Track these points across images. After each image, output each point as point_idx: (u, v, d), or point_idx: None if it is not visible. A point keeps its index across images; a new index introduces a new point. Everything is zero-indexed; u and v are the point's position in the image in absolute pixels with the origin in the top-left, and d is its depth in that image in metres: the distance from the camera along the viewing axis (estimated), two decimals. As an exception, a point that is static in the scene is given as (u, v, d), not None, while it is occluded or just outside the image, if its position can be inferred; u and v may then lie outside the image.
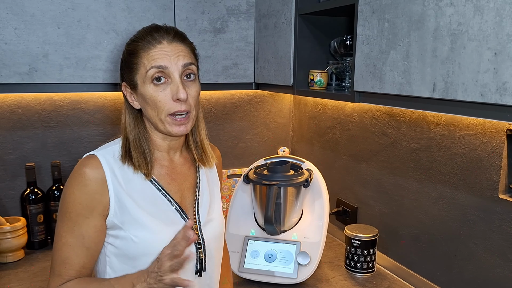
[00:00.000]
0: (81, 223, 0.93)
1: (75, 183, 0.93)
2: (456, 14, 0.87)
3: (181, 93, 0.93)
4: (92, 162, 0.95)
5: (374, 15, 1.11)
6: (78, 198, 0.92)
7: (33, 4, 1.41)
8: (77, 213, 0.93)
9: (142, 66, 0.94)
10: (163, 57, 0.93)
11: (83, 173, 0.93)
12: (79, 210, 0.93)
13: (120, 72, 1.00)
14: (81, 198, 0.92)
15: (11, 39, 1.40)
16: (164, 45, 0.94)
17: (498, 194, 1.15)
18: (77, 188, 0.93)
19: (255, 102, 2.10)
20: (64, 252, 0.94)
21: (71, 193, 0.93)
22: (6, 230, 1.53)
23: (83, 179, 0.93)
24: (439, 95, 0.93)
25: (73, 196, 0.93)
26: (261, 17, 1.71)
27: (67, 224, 0.94)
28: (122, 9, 1.53)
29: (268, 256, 1.43)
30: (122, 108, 1.02)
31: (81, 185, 0.93)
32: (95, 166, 0.94)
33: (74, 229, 0.93)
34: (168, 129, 0.96)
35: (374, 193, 1.61)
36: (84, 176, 0.93)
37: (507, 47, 0.78)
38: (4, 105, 1.66)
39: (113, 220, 0.95)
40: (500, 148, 1.14)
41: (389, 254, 1.55)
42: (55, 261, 0.95)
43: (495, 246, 1.17)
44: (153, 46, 0.94)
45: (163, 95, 0.94)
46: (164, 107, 0.94)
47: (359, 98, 1.23)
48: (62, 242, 0.94)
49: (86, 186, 0.93)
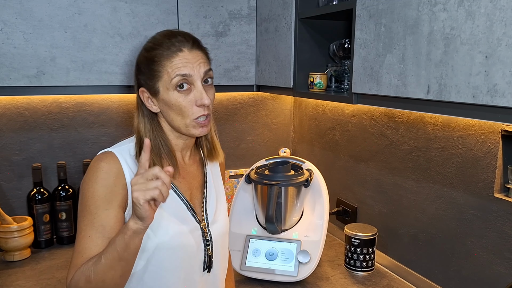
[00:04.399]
0: (100, 214, 0.94)
1: (93, 177, 0.95)
2: (449, 19, 0.90)
3: (205, 100, 0.98)
4: (109, 157, 0.97)
5: (371, 20, 1.14)
6: (96, 191, 0.94)
7: (41, 10, 1.45)
8: (96, 206, 0.94)
9: (165, 74, 0.97)
10: (186, 65, 0.97)
11: (100, 167, 0.95)
12: (98, 203, 0.94)
13: (137, 78, 1.02)
14: (100, 191, 0.94)
15: (20, 43, 1.44)
16: (186, 53, 0.98)
17: (494, 193, 1.18)
18: (95, 182, 0.94)
19: (257, 104, 2.13)
20: (84, 244, 0.94)
21: (89, 187, 0.94)
22: (14, 229, 1.57)
23: (101, 173, 0.95)
24: (433, 96, 0.96)
25: (92, 189, 0.94)
26: (262, 21, 1.75)
27: (87, 218, 0.94)
28: (127, 14, 1.56)
29: (269, 255, 1.46)
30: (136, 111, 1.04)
31: (99, 178, 0.95)
32: (112, 160, 0.97)
33: (94, 222, 0.94)
34: (192, 131, 1.01)
35: (373, 192, 1.64)
36: (102, 170, 0.95)
37: (497, 51, 0.81)
38: (12, 107, 1.70)
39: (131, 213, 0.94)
40: (495, 148, 1.17)
41: (388, 252, 1.58)
42: (75, 253, 0.95)
43: (491, 244, 1.20)
44: (175, 54, 0.97)
45: (187, 100, 0.98)
46: (189, 112, 0.99)
47: (357, 99, 1.26)
48: (82, 235, 0.94)
49: (104, 179, 0.95)
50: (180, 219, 1.03)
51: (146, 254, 0.99)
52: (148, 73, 0.98)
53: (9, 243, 1.57)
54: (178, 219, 1.03)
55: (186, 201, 1.06)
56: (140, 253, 0.98)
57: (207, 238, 1.07)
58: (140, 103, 1.03)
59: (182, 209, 1.04)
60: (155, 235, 0.98)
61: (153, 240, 0.98)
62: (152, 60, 0.98)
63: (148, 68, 0.98)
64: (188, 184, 1.09)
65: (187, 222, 1.04)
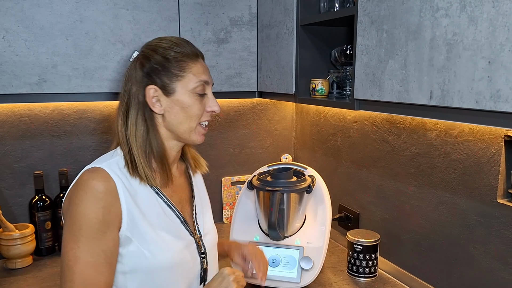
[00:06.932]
0: (100, 239, 0.89)
1: (86, 197, 0.89)
2: (452, 25, 0.91)
3: (217, 107, 1.03)
4: (100, 175, 0.91)
5: (373, 26, 1.14)
6: (93, 213, 0.88)
7: (43, 17, 1.46)
8: (95, 229, 0.88)
9: (189, 75, 0.98)
10: (205, 72, 1.02)
11: (93, 186, 0.89)
12: (96, 226, 0.88)
13: (149, 76, 0.98)
14: (97, 213, 0.88)
15: (22, 50, 1.44)
16: (202, 61, 1.03)
17: (497, 198, 1.18)
18: (90, 203, 0.88)
19: (258, 110, 2.13)
20: (87, 273, 0.88)
21: (83, 209, 0.88)
22: (15, 236, 1.56)
23: (95, 193, 0.89)
24: (436, 102, 0.96)
25: (88, 211, 0.88)
26: (264, 28, 1.75)
27: (84, 243, 0.88)
28: (128, 21, 1.57)
29: (272, 261, 1.45)
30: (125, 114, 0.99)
31: (95, 199, 0.89)
32: (105, 178, 0.91)
33: (93, 247, 0.88)
34: (193, 138, 1.02)
35: (375, 198, 1.64)
36: (96, 189, 0.89)
37: (500, 56, 0.81)
38: (14, 114, 1.70)
39: (126, 233, 0.93)
40: (498, 153, 1.17)
41: (391, 258, 1.57)
42: (76, 284, 0.87)
43: (495, 250, 1.19)
44: (198, 59, 1.01)
45: (200, 106, 1.00)
46: (198, 116, 1.00)
47: (359, 105, 1.26)
48: (81, 263, 0.88)
49: (100, 199, 0.89)
50: (176, 235, 1.01)
51: (139, 276, 0.95)
52: (169, 71, 0.97)
53: (11, 251, 1.56)
54: (173, 236, 1.00)
55: (179, 214, 1.04)
56: (131, 275, 0.94)
57: (202, 251, 1.06)
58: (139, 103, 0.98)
59: (176, 224, 1.03)
60: (153, 255, 0.95)
61: (150, 260, 0.94)
62: (176, 60, 0.97)
63: (170, 66, 0.97)
64: (178, 196, 1.08)
65: (182, 237, 1.02)
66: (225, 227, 2.04)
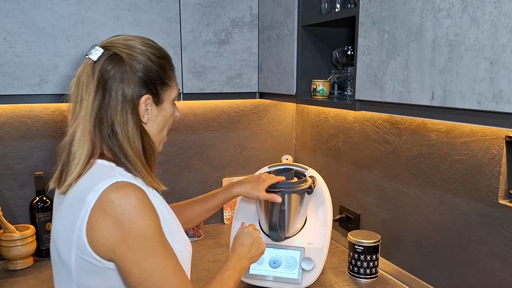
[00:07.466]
0: (167, 244, 0.89)
1: (141, 212, 0.84)
2: (453, 26, 0.91)
3: (179, 112, 1.05)
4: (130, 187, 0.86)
5: (374, 27, 1.15)
6: (153, 221, 0.86)
7: (44, 18, 1.46)
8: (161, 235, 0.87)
9: (174, 84, 1.00)
10: None
11: (139, 199, 0.85)
12: (160, 232, 0.87)
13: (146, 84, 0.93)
14: (156, 221, 0.87)
15: (23, 51, 1.44)
16: None
17: (498, 199, 1.18)
18: (147, 215, 0.85)
19: (259, 111, 2.13)
20: (180, 274, 0.89)
21: (146, 222, 0.84)
22: (16, 237, 1.56)
23: (145, 205, 0.85)
24: (437, 103, 0.96)
25: (150, 222, 0.85)
26: (265, 29, 1.75)
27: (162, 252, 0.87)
28: (129, 22, 1.57)
29: (272, 262, 1.45)
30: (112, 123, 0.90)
31: (148, 210, 0.86)
32: (134, 188, 0.86)
33: (169, 250, 0.89)
34: (160, 147, 1.03)
35: (376, 199, 1.64)
36: (143, 202, 0.85)
37: (502, 57, 0.81)
38: (14, 115, 1.70)
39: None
40: (499, 154, 1.17)
41: (392, 259, 1.57)
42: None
43: (496, 251, 1.19)
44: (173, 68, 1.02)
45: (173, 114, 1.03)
46: (170, 124, 1.03)
47: (360, 106, 1.26)
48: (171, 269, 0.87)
49: (151, 207, 0.87)
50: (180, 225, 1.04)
51: None
52: (163, 80, 0.97)
53: (11, 252, 1.56)
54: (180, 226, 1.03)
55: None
56: None
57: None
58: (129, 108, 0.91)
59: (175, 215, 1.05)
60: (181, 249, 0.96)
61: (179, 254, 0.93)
62: (166, 69, 0.98)
63: (163, 76, 0.97)
64: None
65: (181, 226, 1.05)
66: (226, 228, 2.04)
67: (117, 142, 0.89)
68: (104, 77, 0.88)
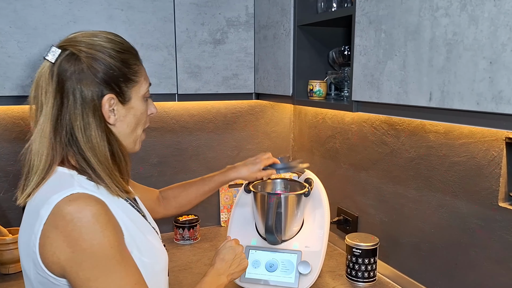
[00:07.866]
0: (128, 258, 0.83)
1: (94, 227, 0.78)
2: (452, 24, 0.88)
3: (155, 108, 1.00)
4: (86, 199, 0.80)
5: (371, 26, 1.12)
6: (110, 239, 0.79)
7: (36, 18, 1.43)
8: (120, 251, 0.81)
9: (141, 79, 0.93)
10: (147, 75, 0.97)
11: (93, 213, 0.78)
12: (119, 247, 0.81)
13: (107, 83, 0.87)
14: (114, 237, 0.80)
15: (14, 52, 1.42)
16: None
17: (498, 202, 1.16)
18: (101, 231, 0.78)
19: (256, 112, 2.11)
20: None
21: (98, 240, 0.78)
22: (9, 241, 1.53)
23: (99, 220, 0.79)
24: (435, 104, 0.94)
25: (106, 239, 0.79)
26: (261, 28, 1.73)
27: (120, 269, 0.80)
28: (123, 22, 1.55)
29: (269, 266, 1.43)
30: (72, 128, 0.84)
31: (104, 225, 0.79)
32: (92, 200, 0.80)
33: (128, 267, 0.82)
34: (136, 147, 0.97)
35: (374, 201, 1.62)
36: (98, 217, 0.79)
37: (502, 56, 0.79)
38: (7, 117, 1.68)
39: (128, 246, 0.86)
40: (499, 156, 1.15)
41: (390, 262, 1.55)
42: None
43: (496, 254, 1.17)
44: (141, 62, 0.95)
45: (146, 111, 0.97)
46: (144, 122, 0.97)
47: (357, 107, 1.24)
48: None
49: (109, 222, 0.81)
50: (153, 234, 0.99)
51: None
52: (126, 78, 0.90)
53: (4, 256, 1.54)
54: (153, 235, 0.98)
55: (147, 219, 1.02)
56: None
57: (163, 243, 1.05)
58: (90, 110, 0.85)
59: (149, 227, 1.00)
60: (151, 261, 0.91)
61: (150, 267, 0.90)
62: (128, 64, 0.90)
63: (126, 72, 0.90)
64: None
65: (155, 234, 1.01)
66: (222, 230, 2.02)
67: (77, 149, 0.84)
68: (62, 79, 0.83)
